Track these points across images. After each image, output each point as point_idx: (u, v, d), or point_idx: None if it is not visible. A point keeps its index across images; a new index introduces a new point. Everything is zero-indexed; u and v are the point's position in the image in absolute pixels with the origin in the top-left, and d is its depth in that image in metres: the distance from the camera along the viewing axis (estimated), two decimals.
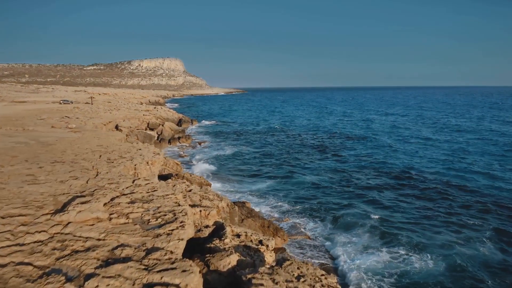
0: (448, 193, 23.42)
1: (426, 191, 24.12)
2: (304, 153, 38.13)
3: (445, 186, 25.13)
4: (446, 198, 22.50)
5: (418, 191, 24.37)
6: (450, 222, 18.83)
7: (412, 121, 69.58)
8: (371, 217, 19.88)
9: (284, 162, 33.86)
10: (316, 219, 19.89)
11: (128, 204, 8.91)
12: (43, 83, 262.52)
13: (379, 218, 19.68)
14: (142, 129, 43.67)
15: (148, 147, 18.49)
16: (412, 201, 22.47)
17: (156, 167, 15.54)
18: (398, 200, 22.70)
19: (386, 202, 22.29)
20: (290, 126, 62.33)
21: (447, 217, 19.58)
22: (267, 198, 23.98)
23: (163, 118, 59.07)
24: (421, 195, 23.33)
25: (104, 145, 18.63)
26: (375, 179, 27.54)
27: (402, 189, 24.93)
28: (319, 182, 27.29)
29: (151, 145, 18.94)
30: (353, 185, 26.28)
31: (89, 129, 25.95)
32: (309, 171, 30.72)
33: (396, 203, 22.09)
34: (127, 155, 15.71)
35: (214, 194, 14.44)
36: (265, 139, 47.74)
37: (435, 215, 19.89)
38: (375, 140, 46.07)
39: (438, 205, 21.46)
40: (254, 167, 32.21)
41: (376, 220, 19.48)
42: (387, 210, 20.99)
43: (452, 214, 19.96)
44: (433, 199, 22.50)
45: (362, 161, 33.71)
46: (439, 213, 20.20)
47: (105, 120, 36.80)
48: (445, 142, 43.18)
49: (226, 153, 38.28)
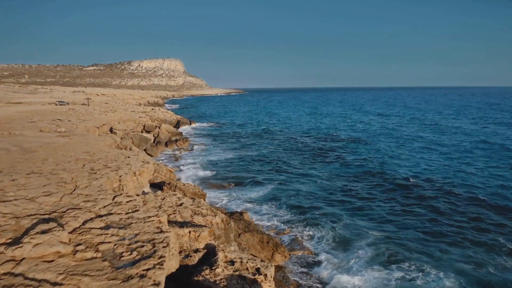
0: (455, 203, 22.01)
1: (431, 201, 22.69)
2: (304, 157, 36.76)
3: (452, 195, 23.72)
4: (453, 210, 21.02)
5: (423, 200, 22.89)
6: (460, 237, 17.44)
7: (413, 123, 68.21)
8: (375, 228, 18.57)
9: (283, 167, 32.52)
10: (318, 230, 18.53)
11: (101, 230, 7.57)
12: (43, 84, 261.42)
13: (384, 230, 18.36)
14: (138, 131, 42.33)
15: (138, 154, 17.15)
16: (417, 210, 21.06)
17: (144, 178, 14.20)
18: (402, 210, 21.32)
19: (390, 212, 20.92)
20: (289, 128, 60.98)
21: (456, 230, 18.16)
22: (266, 205, 22.65)
23: (160, 119, 57.74)
24: (426, 205, 21.87)
25: (91, 152, 17.30)
26: (377, 186, 26.17)
27: (407, 197, 23.53)
28: (320, 188, 25.94)
29: (142, 152, 17.60)
30: (356, 192, 24.91)
31: (79, 133, 24.62)
32: (309, 176, 29.36)
33: (401, 213, 20.72)
34: (113, 164, 14.37)
35: (207, 208, 13.09)
36: (264, 142, 46.39)
37: (443, 228, 18.46)
38: (376, 143, 44.71)
39: (446, 216, 20.01)
40: (253, 172, 30.87)
41: (381, 231, 18.15)
42: (392, 221, 19.60)
43: (461, 228, 18.50)
44: (440, 210, 21.04)
45: (364, 166, 32.34)
46: (448, 225, 18.81)
47: (98, 122, 35.46)
48: (450, 146, 41.82)
49: (224, 157, 36.94)
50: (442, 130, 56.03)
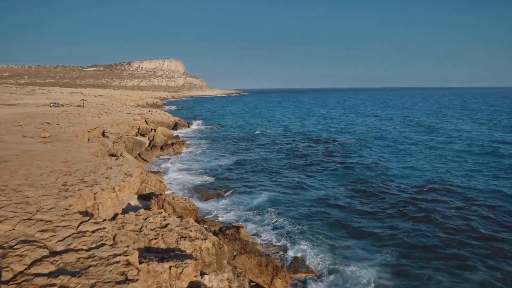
0: (475, 218, 20.16)
1: (446, 212, 20.91)
2: (305, 162, 34.93)
3: (471, 206, 21.92)
4: (474, 227, 19.08)
5: (430, 213, 21.02)
6: (481, 256, 15.67)
7: (422, 126, 66.41)
8: (383, 244, 16.80)
9: (282, 174, 30.73)
10: (321, 247, 16.75)
11: (48, 278, 5.81)
12: (42, 85, 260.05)
13: (392, 246, 16.61)
14: (133, 135, 40.61)
15: (123, 164, 15.40)
16: (423, 225, 19.21)
17: (126, 193, 12.44)
18: (413, 222, 19.49)
19: (398, 225, 19.07)
20: (289, 131, 59.14)
21: (477, 249, 16.38)
22: (264, 216, 20.93)
23: (157, 122, 55.98)
24: (433, 219, 19.96)
25: (70, 162, 15.56)
26: (384, 195, 24.36)
27: (419, 208, 21.68)
28: (322, 197, 24.13)
29: (129, 161, 15.83)
30: (360, 201, 23.16)
31: (64, 139, 22.88)
32: (310, 183, 27.56)
33: (412, 227, 18.88)
34: (91, 178, 12.62)
35: (197, 229, 11.33)
36: (264, 146, 44.60)
37: (461, 248, 16.62)
38: (381, 146, 42.94)
39: (465, 232, 18.11)
40: (251, 179, 29.10)
41: (390, 248, 16.39)
42: (401, 236, 17.77)
43: (483, 248, 16.64)
44: (456, 225, 19.22)
45: (368, 171, 30.55)
46: (467, 243, 16.99)
47: (90, 126, 33.75)
48: (463, 152, 39.99)
49: (221, 162, 35.17)
50: (456, 137, 54.23)
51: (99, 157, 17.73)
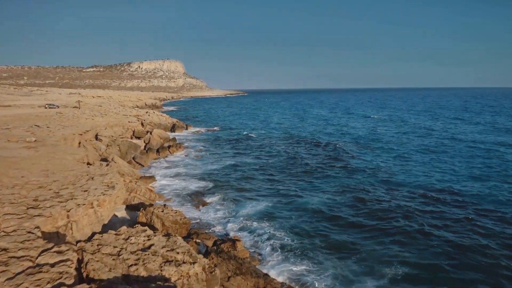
0: (489, 233, 18.79)
1: (455, 226, 19.52)
2: (304, 166, 33.47)
3: (481, 218, 20.56)
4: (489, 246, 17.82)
5: (443, 220, 19.76)
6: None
7: (427, 127, 65.04)
8: (392, 264, 15.37)
9: (281, 178, 29.35)
10: (323, 265, 15.28)
11: None
12: (41, 85, 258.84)
13: (399, 263, 15.23)
14: (128, 137, 39.27)
15: (107, 173, 14.05)
16: (435, 239, 17.83)
17: (106, 209, 11.10)
18: (419, 237, 18.12)
19: (404, 241, 17.61)
20: (289, 133, 57.68)
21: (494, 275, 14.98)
22: (263, 227, 19.54)
23: (154, 124, 54.67)
24: (452, 234, 18.59)
25: (50, 171, 14.22)
26: (390, 203, 22.97)
27: (425, 221, 20.34)
28: (324, 205, 22.70)
29: (112, 171, 14.47)
30: (361, 211, 21.62)
31: (51, 144, 21.54)
32: (312, 190, 26.19)
33: (418, 243, 17.49)
34: (67, 191, 11.28)
35: (185, 251, 9.99)
36: (263, 148, 43.21)
37: (476, 272, 15.22)
38: (384, 149, 41.56)
39: (488, 251, 16.66)
40: (249, 184, 27.75)
41: (396, 268, 14.96)
42: (408, 254, 16.38)
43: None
44: (469, 241, 17.82)
45: (373, 177, 29.14)
46: (481, 266, 15.59)
47: (81, 128, 32.42)
48: (467, 157, 38.61)
49: (219, 166, 33.83)
50: (462, 138, 52.83)
51: (85, 164, 16.39)
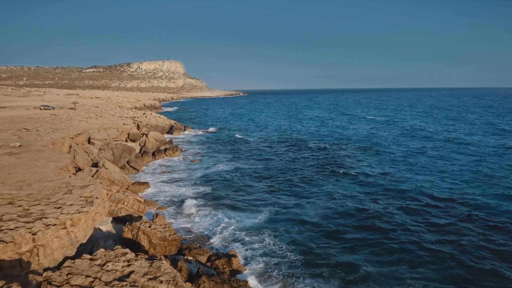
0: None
1: (472, 243, 18.20)
2: (305, 171, 32.11)
3: (495, 229, 19.23)
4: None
5: (459, 236, 18.45)
6: None
7: (432, 127, 63.66)
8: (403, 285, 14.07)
9: (281, 185, 27.98)
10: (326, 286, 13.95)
11: None
12: (41, 86, 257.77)
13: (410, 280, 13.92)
14: (122, 140, 37.99)
15: (89, 184, 12.73)
16: (449, 258, 16.54)
17: (82, 228, 9.78)
18: (431, 254, 16.81)
19: (416, 259, 16.32)
20: (288, 136, 56.17)
21: None
22: (262, 238, 18.28)
23: (151, 125, 53.37)
24: (464, 253, 17.33)
25: (26, 182, 12.92)
26: (394, 213, 21.64)
27: (435, 234, 19.01)
28: (324, 216, 21.29)
29: (94, 182, 13.14)
30: (367, 223, 20.19)
31: (36, 149, 20.23)
32: (311, 198, 24.78)
33: (432, 261, 16.18)
34: (38, 208, 9.95)
35: (169, 279, 8.65)
36: (261, 152, 41.76)
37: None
38: (388, 153, 40.21)
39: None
40: (248, 191, 26.43)
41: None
42: (423, 272, 15.08)
43: None
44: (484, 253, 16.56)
45: (379, 184, 27.73)
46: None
47: (73, 131, 31.12)
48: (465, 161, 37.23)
49: (216, 170, 32.51)
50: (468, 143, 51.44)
51: (68, 172, 15.07)
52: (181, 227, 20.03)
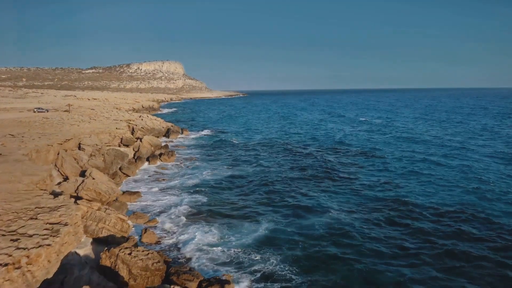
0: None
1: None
2: (305, 178, 30.53)
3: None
4: None
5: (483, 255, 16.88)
6: None
7: (434, 130, 62.09)
8: None
9: (282, 193, 26.38)
10: None
11: None
12: (40, 87, 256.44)
13: None
14: (115, 145, 36.42)
15: (62, 205, 11.15)
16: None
17: (43, 266, 8.18)
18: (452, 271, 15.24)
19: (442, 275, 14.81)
20: (289, 139, 54.60)
21: None
22: (262, 261, 16.48)
23: (147, 129, 51.81)
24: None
25: None
26: (407, 222, 20.08)
27: (448, 244, 17.43)
28: (330, 229, 19.75)
29: (69, 203, 11.55)
30: (376, 235, 18.77)
31: (15, 159, 18.66)
32: (314, 207, 23.20)
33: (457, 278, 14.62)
34: None
35: None
36: (260, 157, 40.03)
37: None
38: (393, 159, 38.64)
39: None
40: (246, 201, 24.80)
41: None
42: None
43: None
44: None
45: (386, 194, 26.22)
46: None
47: (62, 137, 29.54)
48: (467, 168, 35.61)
49: (214, 178, 30.91)
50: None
51: (44, 186, 13.48)
52: (171, 243, 18.45)
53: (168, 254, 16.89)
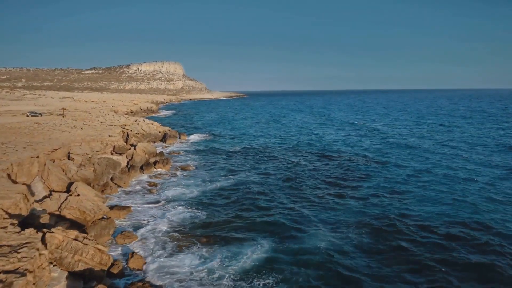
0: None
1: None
2: (309, 190, 28.98)
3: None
4: None
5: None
6: None
7: (439, 134, 60.55)
8: None
9: (283, 207, 24.89)
10: None
11: None
12: (39, 88, 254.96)
13: None
14: (107, 153, 34.83)
15: (24, 243, 9.60)
16: None
17: None
18: None
19: None
20: (289, 144, 53.11)
21: None
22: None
23: (143, 134, 50.26)
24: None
25: None
26: (422, 242, 18.53)
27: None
28: (337, 249, 18.36)
29: (36, 239, 9.99)
30: (388, 258, 17.28)
31: None
32: (319, 224, 21.76)
33: None
34: None
35: None
36: (259, 165, 38.49)
37: None
38: (400, 167, 37.10)
39: None
40: (245, 217, 23.20)
41: None
42: None
43: None
44: None
45: (388, 206, 24.70)
46: None
47: (50, 146, 27.98)
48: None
49: (210, 189, 29.35)
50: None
51: (4, 221, 11.91)
52: (161, 266, 16.95)
53: (155, 284, 15.37)
